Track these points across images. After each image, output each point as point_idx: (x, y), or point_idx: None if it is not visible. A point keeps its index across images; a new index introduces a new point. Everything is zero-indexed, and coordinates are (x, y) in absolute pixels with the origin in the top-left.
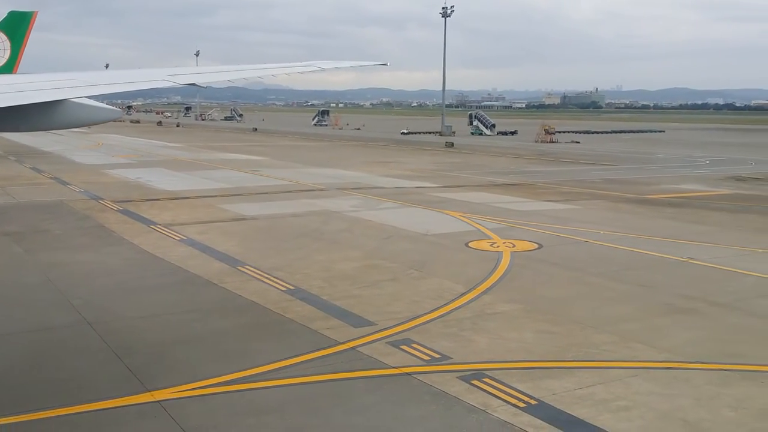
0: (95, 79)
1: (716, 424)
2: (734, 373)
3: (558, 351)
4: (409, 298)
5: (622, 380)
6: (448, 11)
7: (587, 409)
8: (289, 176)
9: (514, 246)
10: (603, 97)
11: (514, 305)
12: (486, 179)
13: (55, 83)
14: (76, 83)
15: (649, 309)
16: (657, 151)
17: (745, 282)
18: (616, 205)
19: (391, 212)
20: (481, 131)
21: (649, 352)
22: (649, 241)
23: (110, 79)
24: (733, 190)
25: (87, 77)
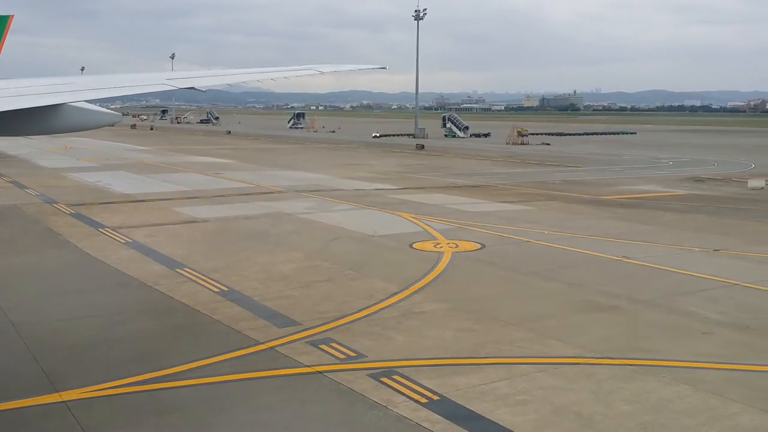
0: (94, 84)
1: (608, 417)
2: (639, 368)
3: (473, 348)
4: (340, 299)
5: (528, 375)
6: (421, 14)
7: (487, 403)
8: (251, 179)
9: (457, 246)
10: (581, 99)
11: (442, 304)
12: (448, 181)
13: (54, 87)
14: (75, 87)
15: (571, 306)
16: (624, 152)
17: (671, 280)
18: (569, 206)
19: (344, 214)
20: (455, 133)
21: (561, 348)
22: (590, 241)
23: (109, 83)
24: (689, 191)
25: (86, 81)
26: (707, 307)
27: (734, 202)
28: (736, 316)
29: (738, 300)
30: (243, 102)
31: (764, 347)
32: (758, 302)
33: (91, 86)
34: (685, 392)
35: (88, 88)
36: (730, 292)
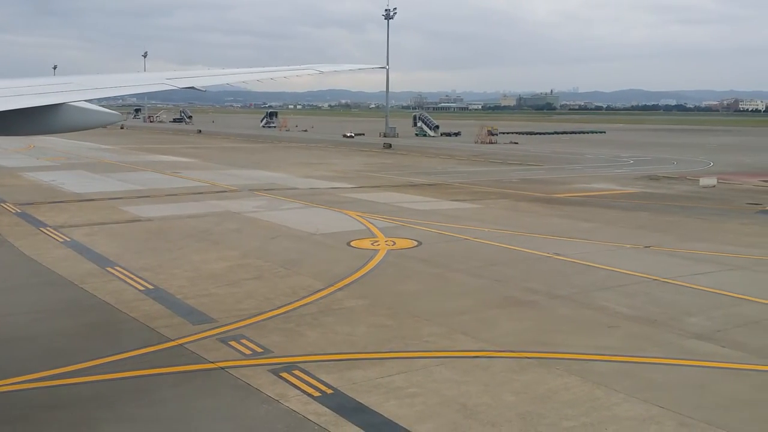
0: (94, 83)
1: (491, 408)
2: (535, 360)
3: (380, 343)
4: (263, 296)
5: (427, 369)
6: (391, 13)
7: (377, 396)
8: (208, 178)
9: (394, 244)
10: (558, 98)
11: (363, 301)
12: (406, 179)
13: (54, 87)
14: (75, 87)
15: (490, 302)
16: (588, 151)
17: (594, 276)
18: (518, 204)
19: (292, 213)
20: (425, 132)
21: (467, 342)
22: (527, 238)
23: (109, 83)
24: (641, 189)
25: (86, 81)
26: (621, 301)
27: (682, 200)
28: (646, 311)
29: (653, 295)
30: (221, 101)
31: (663, 340)
32: (672, 297)
33: (90, 86)
34: (573, 383)
35: (88, 87)
36: (648, 288)
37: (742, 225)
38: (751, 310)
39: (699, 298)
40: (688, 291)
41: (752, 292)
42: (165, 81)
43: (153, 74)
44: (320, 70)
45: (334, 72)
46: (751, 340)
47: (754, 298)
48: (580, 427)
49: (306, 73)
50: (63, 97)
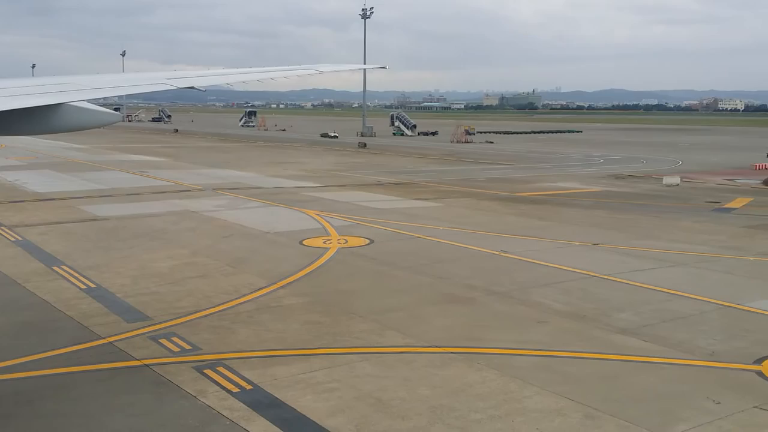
0: (94, 83)
1: (404, 402)
2: (459, 355)
3: (310, 340)
4: (203, 294)
5: (350, 364)
6: (368, 13)
7: (295, 392)
8: (175, 177)
9: (346, 242)
10: (540, 98)
11: (302, 298)
12: (374, 178)
13: (54, 87)
14: (75, 87)
15: (428, 299)
16: (561, 150)
17: (536, 272)
18: (479, 202)
19: (251, 212)
20: (403, 132)
21: (396, 338)
22: (480, 236)
23: (109, 83)
24: (605, 188)
25: (86, 81)
26: (556, 298)
27: (642, 199)
28: (578, 306)
29: (589, 291)
30: (203, 100)
31: (589, 335)
32: (606, 293)
33: (90, 86)
34: (491, 377)
35: (87, 87)
36: (585, 284)
37: (695, 223)
38: (681, 306)
39: (633, 295)
40: (623, 287)
41: (687, 289)
42: (165, 81)
43: (152, 74)
44: (320, 70)
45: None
46: (674, 335)
47: (687, 294)
48: (488, 420)
49: (306, 73)
50: (62, 97)
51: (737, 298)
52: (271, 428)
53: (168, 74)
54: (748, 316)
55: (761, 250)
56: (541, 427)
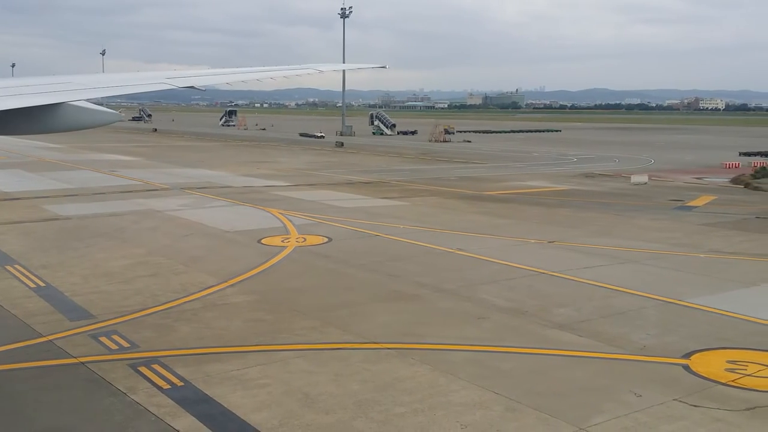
0: (94, 83)
1: (332, 397)
2: (394, 351)
3: (250, 337)
4: (151, 293)
5: (285, 361)
6: (347, 12)
7: (225, 388)
8: (144, 176)
9: (305, 240)
10: (523, 97)
11: (249, 296)
12: (345, 177)
13: (54, 86)
14: (75, 86)
15: (375, 296)
16: (537, 149)
17: (488, 270)
18: (445, 201)
19: (214, 211)
20: (382, 131)
21: (336, 334)
22: (439, 234)
23: (109, 82)
24: (573, 186)
25: (86, 80)
26: (501, 294)
27: (607, 197)
28: (521, 302)
29: (534, 288)
30: (187, 99)
31: (526, 330)
32: (551, 290)
33: (90, 85)
34: (422, 372)
35: (88, 87)
36: (532, 281)
37: (654, 221)
38: (622, 302)
39: (577, 291)
40: (569, 284)
41: (631, 285)
42: (165, 80)
43: (153, 73)
44: (320, 70)
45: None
46: (609, 330)
47: (631, 290)
48: (410, 413)
49: (305, 73)
50: (62, 97)
51: (679, 294)
52: (196, 424)
53: (168, 73)
54: (686, 311)
55: (713, 248)
56: (461, 420)
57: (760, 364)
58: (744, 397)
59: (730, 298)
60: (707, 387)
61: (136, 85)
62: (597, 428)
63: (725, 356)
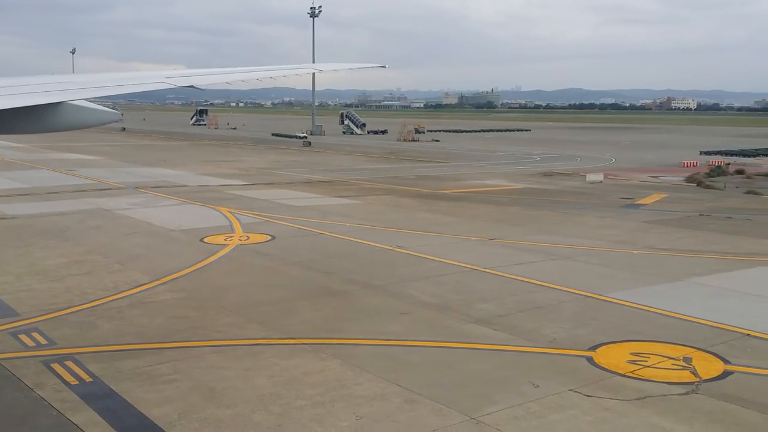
0: (93, 82)
1: (237, 391)
2: (309, 346)
3: (170, 334)
4: (81, 291)
5: (200, 357)
6: (316, 11)
7: (133, 384)
8: (101, 176)
9: (248, 239)
10: (498, 97)
11: (179, 294)
12: (305, 176)
13: (53, 85)
14: (74, 86)
15: (304, 293)
16: (503, 148)
17: (422, 266)
18: (398, 199)
19: (164, 209)
20: (352, 130)
21: (256, 331)
22: (383, 232)
23: (108, 81)
24: (529, 185)
25: (85, 80)
26: (429, 290)
27: (559, 195)
28: (446, 298)
29: (463, 283)
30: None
31: (444, 325)
32: (478, 285)
33: (89, 85)
34: (331, 366)
35: (87, 86)
36: (463, 277)
37: (599, 218)
38: (544, 297)
39: (503, 286)
40: (498, 279)
41: (557, 280)
42: (165, 80)
43: (152, 73)
44: (320, 69)
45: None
46: (525, 324)
47: (555, 286)
48: (309, 406)
49: (305, 72)
50: (62, 96)
51: (601, 289)
52: (95, 418)
53: (168, 73)
54: (603, 305)
55: (648, 244)
56: (358, 411)
57: (662, 355)
58: (638, 387)
59: (650, 293)
60: (605, 378)
61: (135, 84)
62: (488, 418)
63: (630, 348)
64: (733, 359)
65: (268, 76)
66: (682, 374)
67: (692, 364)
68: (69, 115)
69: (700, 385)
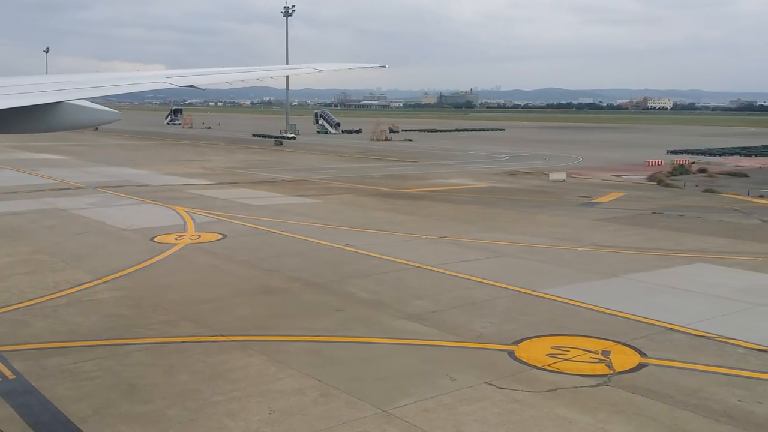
0: (93, 82)
1: (156, 387)
2: (238, 343)
3: (102, 331)
4: (20, 290)
5: (127, 354)
6: (290, 11)
7: (56, 381)
8: (63, 175)
9: (199, 237)
10: (477, 97)
11: (118, 292)
12: (270, 176)
13: (52, 85)
14: (74, 85)
15: (244, 291)
16: (474, 148)
17: (366, 264)
18: (358, 198)
19: (120, 209)
20: (327, 130)
21: (188, 328)
22: (335, 230)
23: (108, 81)
24: (493, 184)
25: (84, 79)
26: (367, 288)
27: (521, 194)
28: (384, 295)
29: (403, 281)
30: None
31: (376, 321)
32: (418, 282)
33: (89, 84)
34: (256, 362)
35: (87, 86)
36: (405, 274)
37: (553, 216)
38: (480, 293)
39: (441, 283)
40: (438, 276)
41: (496, 277)
42: (165, 80)
43: (152, 72)
44: (319, 69)
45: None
46: (455, 319)
47: (493, 282)
48: (225, 401)
49: (305, 72)
50: (62, 96)
51: (537, 285)
52: (12, 415)
53: (168, 73)
54: (536, 301)
55: (594, 241)
56: (273, 405)
57: (582, 349)
58: (552, 379)
59: (584, 289)
60: (522, 371)
61: (135, 84)
62: (398, 410)
63: (552, 342)
64: (650, 352)
65: (268, 75)
66: (597, 367)
67: (609, 358)
68: (68, 115)
69: (612, 378)
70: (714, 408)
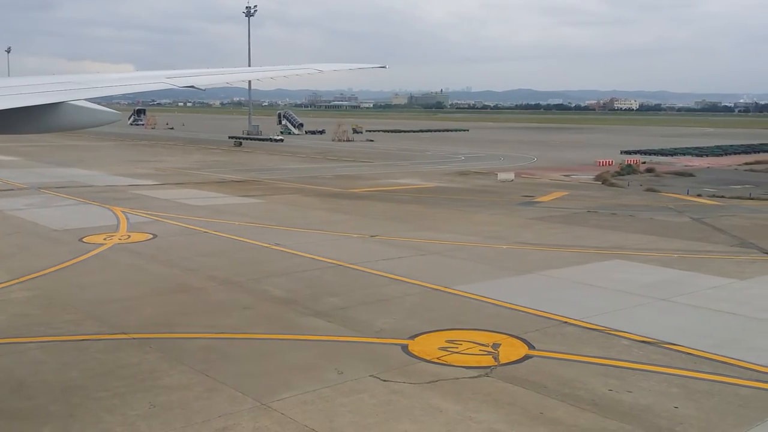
0: (93, 82)
1: (45, 384)
2: (137, 341)
3: (6, 330)
4: None
5: (26, 352)
6: (252, 11)
7: None
8: (9, 176)
9: (129, 238)
10: (447, 97)
11: (32, 292)
12: (220, 176)
13: (53, 86)
14: (74, 86)
15: (158, 290)
16: (434, 148)
17: (289, 263)
18: (301, 198)
19: (57, 210)
20: (290, 130)
21: (93, 326)
22: (268, 230)
23: (108, 81)
24: (441, 184)
25: (85, 80)
26: (284, 286)
27: (465, 194)
28: (297, 293)
29: (322, 279)
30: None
31: (282, 318)
32: (334, 280)
33: (89, 85)
34: (149, 360)
35: (87, 86)
36: (325, 273)
37: (490, 215)
38: (393, 290)
39: (359, 281)
40: (357, 274)
41: (412, 274)
42: (165, 80)
43: (152, 73)
44: (320, 69)
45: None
46: (361, 316)
47: (408, 279)
48: (108, 397)
49: (305, 72)
50: (62, 96)
51: (450, 281)
52: None
53: (168, 73)
54: (445, 297)
55: (521, 239)
56: (155, 400)
57: (474, 342)
58: (435, 371)
59: (495, 285)
60: (410, 364)
61: (135, 84)
62: (277, 403)
63: (447, 337)
64: (539, 345)
65: (268, 76)
66: (483, 359)
67: (498, 350)
68: (69, 116)
69: (495, 369)
70: (583, 397)
